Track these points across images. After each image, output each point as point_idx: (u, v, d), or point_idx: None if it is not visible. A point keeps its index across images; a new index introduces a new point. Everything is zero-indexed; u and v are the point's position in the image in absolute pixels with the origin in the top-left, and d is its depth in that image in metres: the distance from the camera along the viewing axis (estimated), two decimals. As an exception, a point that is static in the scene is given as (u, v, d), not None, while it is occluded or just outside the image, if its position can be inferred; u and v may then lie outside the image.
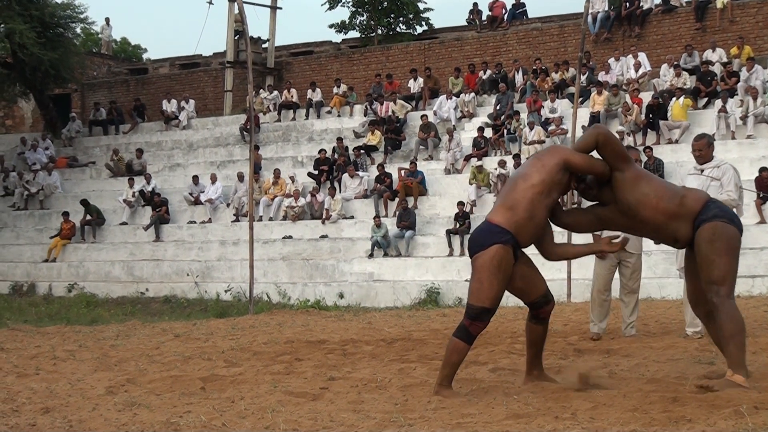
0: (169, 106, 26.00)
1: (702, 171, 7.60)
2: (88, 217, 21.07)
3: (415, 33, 28.77)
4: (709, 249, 5.29)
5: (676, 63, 19.49)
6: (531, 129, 18.87)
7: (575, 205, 10.89)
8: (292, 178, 20.07)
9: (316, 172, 20.19)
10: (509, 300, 14.96)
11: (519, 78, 21.66)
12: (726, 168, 7.57)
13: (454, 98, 21.51)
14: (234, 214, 20.09)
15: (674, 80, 18.93)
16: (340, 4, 29.40)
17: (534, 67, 21.68)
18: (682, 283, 7.96)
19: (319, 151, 20.64)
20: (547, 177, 5.44)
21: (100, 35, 34.21)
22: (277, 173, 20.38)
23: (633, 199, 5.44)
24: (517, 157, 17.95)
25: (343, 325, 10.58)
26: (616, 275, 8.36)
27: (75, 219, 21.26)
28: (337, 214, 18.68)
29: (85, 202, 21.27)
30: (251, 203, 14.63)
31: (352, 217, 18.90)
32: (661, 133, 17.88)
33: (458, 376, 6.24)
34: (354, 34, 29.82)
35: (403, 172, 18.86)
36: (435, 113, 21.21)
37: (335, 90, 23.90)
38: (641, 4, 22.06)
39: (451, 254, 16.64)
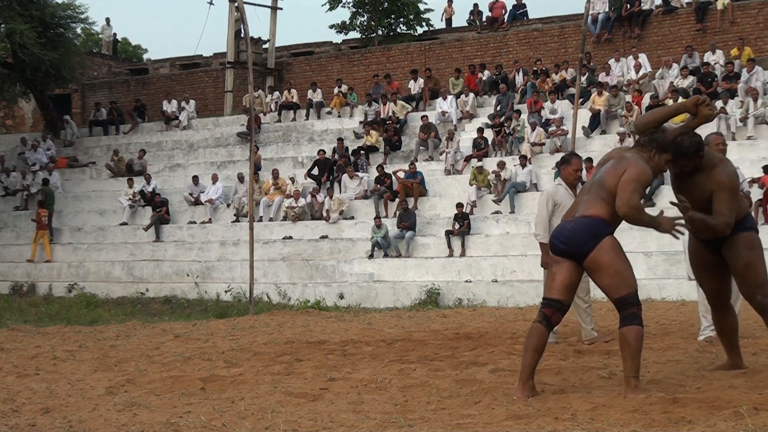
0: (170, 106, 26.00)
1: None
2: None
3: (416, 33, 28.77)
4: (752, 255, 5.84)
5: (684, 65, 19.43)
6: (533, 129, 18.87)
7: None
8: (293, 179, 20.08)
9: (314, 173, 20.19)
10: (509, 301, 14.88)
11: (519, 79, 21.64)
12: None
13: (454, 99, 21.50)
14: (234, 215, 20.09)
15: (679, 81, 18.89)
16: (340, 5, 29.38)
17: (534, 68, 21.67)
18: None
19: (318, 152, 20.65)
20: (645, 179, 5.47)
21: (100, 35, 34.23)
22: (275, 173, 20.38)
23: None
24: (516, 158, 17.94)
25: (343, 325, 10.58)
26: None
27: (75, 219, 21.25)
28: (337, 215, 18.68)
29: (44, 182, 21.85)
30: (251, 204, 14.63)
31: (352, 218, 18.90)
32: (661, 134, 17.83)
33: (458, 377, 6.24)
34: (354, 34, 29.84)
35: (401, 173, 18.84)
36: (437, 114, 21.19)
37: (336, 90, 23.90)
38: (642, 5, 22.06)
39: (451, 255, 16.63)
